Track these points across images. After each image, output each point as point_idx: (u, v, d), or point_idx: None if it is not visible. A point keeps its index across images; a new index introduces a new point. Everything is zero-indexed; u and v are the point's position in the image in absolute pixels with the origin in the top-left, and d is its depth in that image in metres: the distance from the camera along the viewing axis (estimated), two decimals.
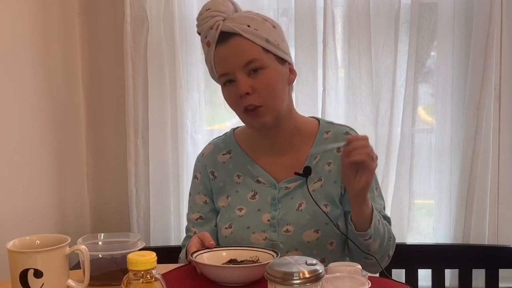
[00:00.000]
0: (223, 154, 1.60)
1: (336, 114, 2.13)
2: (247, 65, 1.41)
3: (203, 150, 1.65)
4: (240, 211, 1.52)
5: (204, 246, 1.38)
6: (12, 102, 1.84)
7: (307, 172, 1.47)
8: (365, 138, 1.35)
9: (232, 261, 1.34)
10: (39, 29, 2.03)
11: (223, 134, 1.66)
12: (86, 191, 2.36)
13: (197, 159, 1.66)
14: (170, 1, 2.18)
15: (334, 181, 1.51)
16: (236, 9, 1.47)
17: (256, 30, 1.42)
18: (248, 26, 1.42)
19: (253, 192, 1.53)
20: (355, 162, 1.32)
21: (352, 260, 1.48)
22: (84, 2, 2.29)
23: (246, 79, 1.41)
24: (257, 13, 1.49)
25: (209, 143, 1.66)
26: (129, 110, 2.21)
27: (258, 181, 1.54)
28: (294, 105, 2.14)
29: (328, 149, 1.50)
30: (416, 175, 2.16)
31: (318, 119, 1.60)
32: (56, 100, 2.14)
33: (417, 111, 2.17)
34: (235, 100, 1.44)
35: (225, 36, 1.41)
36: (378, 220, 1.42)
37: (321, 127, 1.56)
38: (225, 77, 1.44)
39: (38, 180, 2.01)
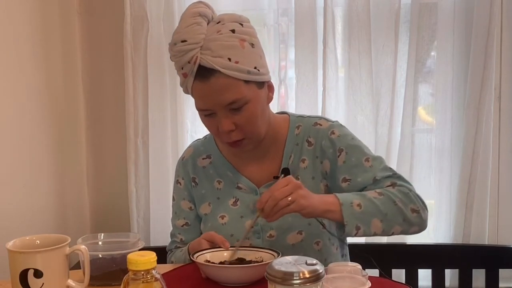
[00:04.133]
0: (203, 159, 1.58)
1: (336, 114, 2.13)
2: (229, 105, 1.36)
3: (183, 154, 1.63)
4: (223, 219, 1.51)
5: (213, 247, 1.38)
6: (12, 102, 1.84)
7: (285, 173, 1.44)
8: (269, 197, 1.28)
9: (238, 261, 1.34)
10: (39, 28, 2.03)
11: (203, 137, 1.64)
12: (86, 191, 2.36)
13: (178, 163, 1.63)
14: (170, 1, 2.17)
15: (312, 177, 1.48)
16: (210, 18, 1.38)
17: (237, 62, 1.33)
18: (229, 59, 1.33)
19: (235, 199, 1.52)
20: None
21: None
22: (84, 2, 2.29)
23: (228, 116, 1.37)
24: (233, 29, 1.35)
25: (189, 146, 1.65)
26: (129, 110, 2.21)
27: (238, 187, 1.52)
28: (294, 105, 2.18)
29: (299, 146, 1.49)
30: (416, 175, 2.16)
31: (289, 115, 1.57)
32: (56, 100, 2.14)
33: (417, 111, 2.17)
34: (215, 130, 1.42)
35: (204, 72, 1.34)
36: (359, 204, 1.35)
37: (291, 123, 1.54)
38: (205, 112, 1.40)
39: (38, 180, 2.01)
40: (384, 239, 2.12)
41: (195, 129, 2.27)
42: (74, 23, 2.28)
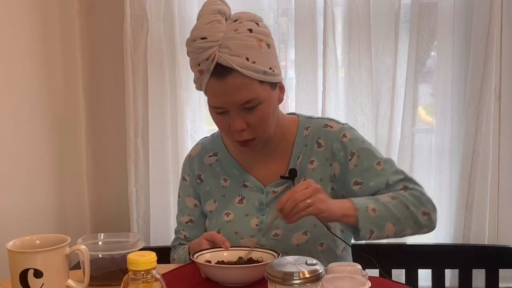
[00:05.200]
0: (209, 156, 1.58)
1: (336, 114, 2.13)
2: (243, 104, 1.36)
3: (190, 151, 1.64)
4: (228, 216, 1.51)
5: (214, 246, 1.38)
6: (12, 102, 1.84)
7: (292, 174, 1.45)
8: (289, 198, 1.29)
9: (236, 261, 1.34)
10: (39, 28, 2.03)
11: (211, 135, 1.64)
12: (86, 191, 2.36)
13: (184, 160, 1.64)
14: (170, 1, 2.18)
15: (320, 179, 1.48)
16: (228, 15, 1.39)
17: (254, 63, 1.34)
18: (247, 59, 1.33)
19: (240, 197, 1.52)
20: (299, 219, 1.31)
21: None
22: (83, 1, 2.29)
23: (241, 116, 1.38)
24: (250, 29, 1.36)
25: (197, 143, 1.65)
26: (129, 110, 2.21)
27: (244, 186, 1.52)
28: (294, 105, 2.18)
29: (308, 147, 1.49)
30: (416, 175, 2.15)
31: (298, 116, 1.57)
32: (56, 100, 2.14)
33: (417, 111, 2.17)
34: (227, 129, 1.42)
35: (221, 70, 1.33)
36: (373, 209, 1.37)
37: (300, 124, 1.54)
38: (218, 109, 1.40)
39: (38, 180, 2.01)
40: (384, 239, 2.12)
41: (195, 129, 2.27)
42: (74, 23, 2.28)
